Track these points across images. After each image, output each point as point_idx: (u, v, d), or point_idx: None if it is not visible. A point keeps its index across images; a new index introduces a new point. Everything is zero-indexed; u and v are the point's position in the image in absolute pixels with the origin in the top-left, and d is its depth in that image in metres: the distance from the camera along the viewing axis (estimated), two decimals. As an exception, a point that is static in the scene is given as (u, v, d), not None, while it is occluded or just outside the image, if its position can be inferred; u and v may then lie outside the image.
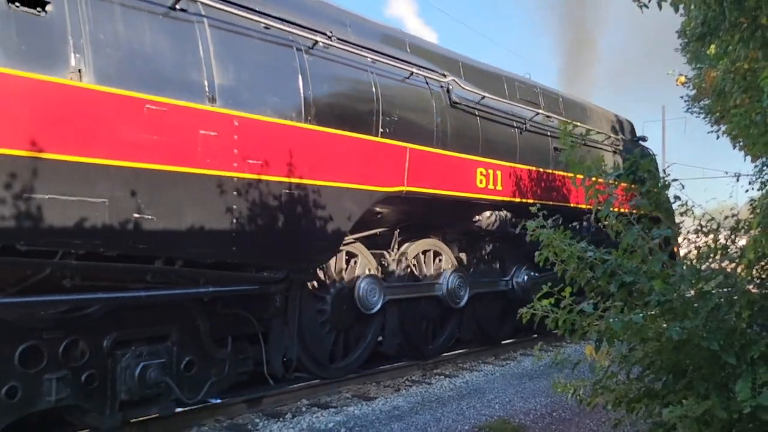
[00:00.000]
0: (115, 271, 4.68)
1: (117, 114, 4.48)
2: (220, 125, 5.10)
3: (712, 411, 2.68)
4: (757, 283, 3.21)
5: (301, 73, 5.90)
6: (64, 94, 4.27)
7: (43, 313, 4.46)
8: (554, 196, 9.42)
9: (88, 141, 4.33)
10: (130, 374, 4.89)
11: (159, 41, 4.90)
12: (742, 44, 4.45)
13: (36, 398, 4.45)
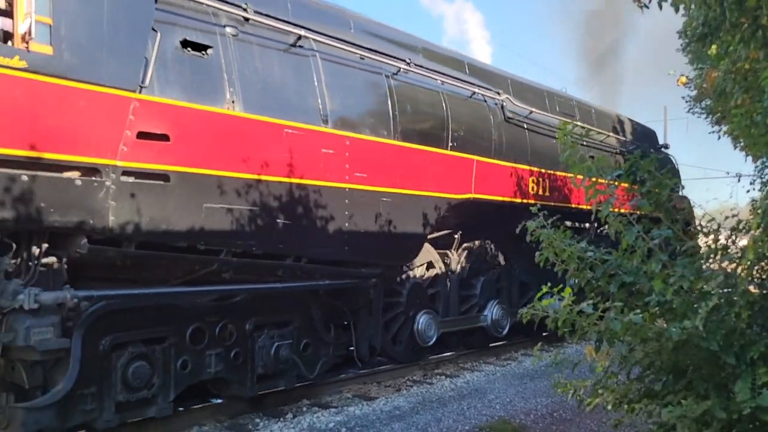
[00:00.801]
0: (259, 267, 5.70)
1: (265, 138, 5.53)
2: (335, 144, 6.14)
3: (712, 411, 2.68)
4: (757, 284, 3.21)
5: (389, 96, 6.94)
6: (227, 122, 5.28)
7: (202, 301, 5.47)
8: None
9: (246, 160, 5.35)
10: (266, 352, 5.96)
11: (286, 74, 5.95)
12: (742, 45, 4.45)
13: (200, 370, 5.48)
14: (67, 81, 4.33)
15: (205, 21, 5.33)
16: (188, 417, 5.83)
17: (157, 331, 5.21)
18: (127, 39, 4.69)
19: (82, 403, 4.70)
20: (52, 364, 4.53)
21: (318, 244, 6.00)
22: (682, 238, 3.39)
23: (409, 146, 6.99)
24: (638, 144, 12.08)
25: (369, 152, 6.47)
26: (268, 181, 5.50)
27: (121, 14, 4.66)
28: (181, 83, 5.00)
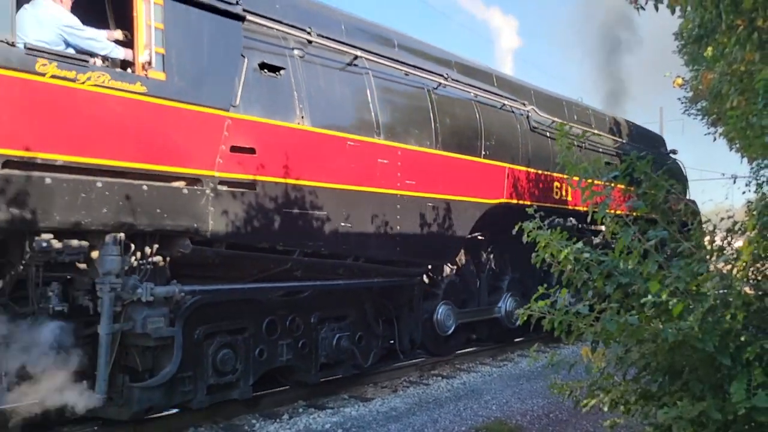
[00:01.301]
0: (324, 266, 6.30)
1: (331, 150, 6.11)
2: (389, 154, 6.75)
3: (707, 412, 2.69)
4: (752, 285, 3.22)
5: (431, 108, 7.48)
6: (299, 136, 5.84)
7: (273, 296, 6.17)
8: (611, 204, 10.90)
9: (316, 170, 5.95)
10: (328, 343, 6.64)
11: (344, 90, 6.51)
12: (738, 46, 4.46)
13: (274, 358, 6.13)
14: (176, 103, 4.96)
15: (278, 45, 5.93)
16: (185, 418, 5.82)
17: (238, 322, 5.86)
18: (222, 64, 5.34)
19: (181, 385, 5.39)
20: (160, 350, 5.17)
21: (374, 246, 6.62)
22: (678, 240, 3.40)
23: (450, 155, 7.59)
24: (648, 149, 12.54)
25: (417, 161, 7.12)
26: (334, 188, 6.14)
27: (218, 43, 5.30)
28: (260, 102, 5.60)
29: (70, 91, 4.40)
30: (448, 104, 7.77)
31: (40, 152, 4.27)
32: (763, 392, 2.55)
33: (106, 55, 4.91)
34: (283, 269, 5.97)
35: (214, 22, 5.27)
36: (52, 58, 4.32)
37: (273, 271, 5.95)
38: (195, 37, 5.15)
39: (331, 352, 6.66)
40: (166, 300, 5.00)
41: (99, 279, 4.70)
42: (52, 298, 4.60)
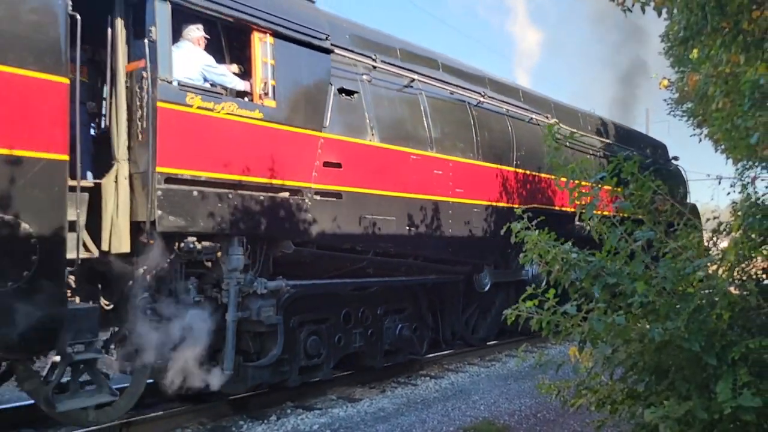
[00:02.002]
0: (390, 264, 7.21)
1: (398, 163, 7.10)
2: (442, 166, 7.68)
3: (693, 412, 2.70)
4: (737, 285, 3.24)
5: (472, 123, 8.39)
6: (372, 151, 6.80)
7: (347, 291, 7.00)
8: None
9: (386, 181, 6.90)
10: (392, 332, 7.56)
11: (404, 109, 7.43)
12: (723, 48, 4.50)
13: (349, 344, 7.02)
14: (284, 126, 5.89)
15: (351, 71, 6.82)
16: (171, 420, 5.78)
17: (322, 313, 6.75)
18: (316, 91, 6.25)
19: (281, 366, 6.23)
20: (266, 335, 6.01)
21: (430, 246, 7.47)
22: (665, 240, 3.42)
23: (490, 165, 8.53)
24: (652, 156, 13.82)
25: (464, 171, 8.05)
26: (400, 197, 7.09)
27: (312, 73, 6.23)
28: (342, 122, 6.49)
29: (209, 119, 5.30)
30: (486, 119, 8.68)
31: (190, 170, 5.16)
32: (749, 392, 2.57)
33: (231, 87, 5.79)
34: (358, 267, 6.85)
35: (310, 56, 6.22)
36: (197, 92, 5.27)
37: (349, 269, 6.82)
38: (296, 69, 6.09)
39: (394, 340, 7.56)
40: (272, 293, 5.84)
41: (226, 275, 5.54)
42: (191, 291, 5.42)
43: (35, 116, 4.28)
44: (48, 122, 4.33)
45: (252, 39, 5.78)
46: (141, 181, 5.04)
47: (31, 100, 4.25)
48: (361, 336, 7.16)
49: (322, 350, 6.62)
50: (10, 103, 4.15)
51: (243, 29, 5.79)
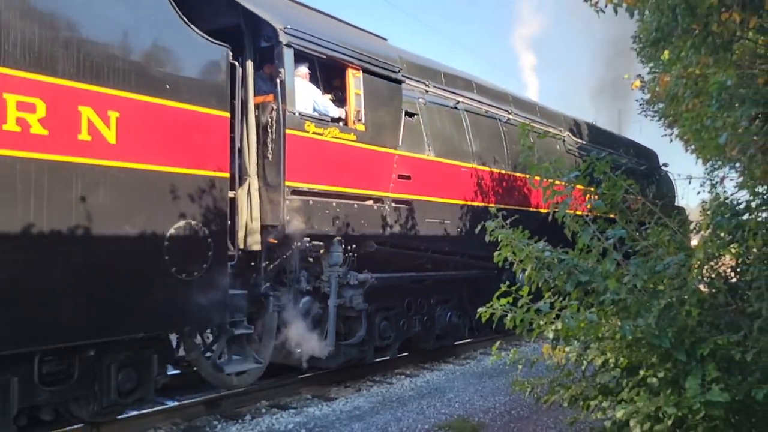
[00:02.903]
0: (444, 260, 8.34)
1: (450, 174, 8.30)
2: (484, 176, 8.91)
3: (664, 407, 2.74)
4: (706, 282, 3.30)
5: (503, 137, 9.59)
6: (431, 165, 8.03)
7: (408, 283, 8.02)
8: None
9: (442, 190, 8.13)
10: (443, 319, 8.63)
11: (451, 127, 8.58)
12: (693, 50, 4.57)
13: (410, 329, 8.04)
14: (370, 146, 7.05)
15: (412, 96, 7.98)
16: (143, 420, 5.69)
17: (391, 302, 7.76)
18: (392, 116, 7.45)
19: (361, 346, 7.26)
20: (352, 320, 7.11)
21: (473, 246, 7.99)
22: (636, 238, 3.46)
23: (519, 174, 9.46)
24: (644, 163, 14.93)
25: (499, 180, 9.19)
26: (452, 203, 8.24)
27: (391, 100, 7.48)
28: (408, 140, 7.65)
29: (319, 141, 6.42)
30: (513, 133, 9.54)
31: (307, 183, 6.30)
32: (717, 387, 2.62)
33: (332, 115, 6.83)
34: (418, 263, 7.91)
35: (388, 87, 7.44)
36: (312, 120, 6.40)
37: (411, 264, 7.87)
38: (378, 98, 7.27)
39: (444, 325, 8.63)
40: (361, 284, 6.89)
41: (327, 269, 6.68)
42: (303, 281, 6.51)
43: (210, 143, 5.36)
44: (217, 148, 5.42)
45: (347, 74, 6.96)
46: (271, 193, 6.15)
47: (207, 131, 5.33)
48: (419, 322, 8.20)
49: (390, 333, 7.72)
50: (194, 134, 5.21)
51: (339, 67, 6.97)
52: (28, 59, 4.21)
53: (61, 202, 4.38)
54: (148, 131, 4.87)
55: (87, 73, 4.50)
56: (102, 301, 4.64)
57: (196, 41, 5.28)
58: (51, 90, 4.32)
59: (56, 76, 4.34)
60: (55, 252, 4.38)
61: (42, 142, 4.26)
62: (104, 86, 4.60)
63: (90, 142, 4.51)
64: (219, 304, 5.39)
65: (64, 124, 4.38)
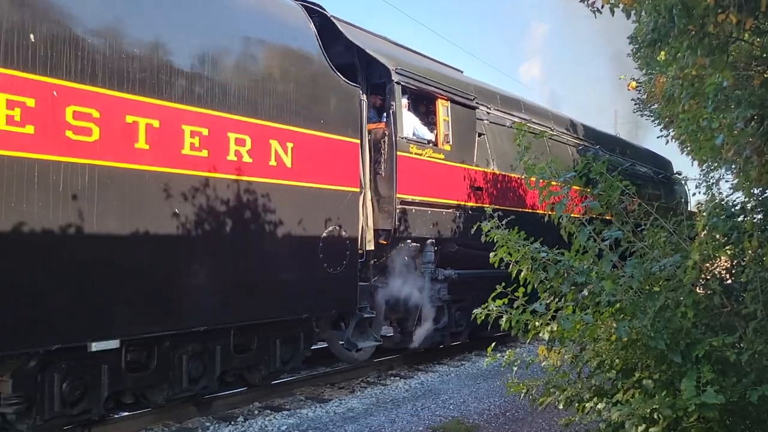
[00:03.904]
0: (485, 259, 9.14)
1: (509, 185, 9.52)
2: (507, 181, 9.74)
3: (659, 409, 2.73)
4: (702, 284, 3.29)
5: (548, 152, 10.15)
6: (498, 178, 9.33)
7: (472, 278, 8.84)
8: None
9: (503, 199, 9.29)
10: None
11: (507, 144, 9.48)
12: (690, 51, 4.55)
13: (454, 324, 8.83)
14: (454, 163, 8.42)
15: (480, 118, 9.20)
16: (135, 421, 5.65)
17: (463, 295, 8.66)
18: (469, 136, 8.84)
19: (442, 331, 8.46)
20: (438, 309, 8.26)
21: None
22: (632, 240, 3.45)
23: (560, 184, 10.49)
24: (661, 171, 16.11)
25: (520, 188, 9.85)
26: (510, 210, 8.44)
27: (468, 123, 8.83)
28: (479, 157, 8.92)
29: (419, 160, 7.81)
30: (555, 147, 10.71)
31: (411, 195, 7.62)
32: (712, 389, 2.60)
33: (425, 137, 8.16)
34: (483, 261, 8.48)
35: (466, 112, 8.82)
36: (414, 143, 7.76)
37: (476, 263, 8.24)
38: (460, 122, 8.63)
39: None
40: (446, 278, 8.13)
41: (421, 266, 8.02)
42: (403, 275, 7.73)
43: (347, 164, 6.77)
44: (351, 167, 6.83)
45: (437, 104, 8.36)
46: (383, 203, 7.47)
47: (346, 154, 6.76)
48: (461, 313, 8.93)
49: (463, 321, 8.81)
50: (337, 157, 6.64)
51: (431, 97, 8.37)
52: (242, 106, 5.67)
53: (261, 214, 5.85)
54: (310, 157, 6.32)
55: (275, 115, 5.99)
56: (282, 289, 6.12)
57: (340, 84, 6.78)
58: (255, 128, 5.78)
59: (258, 118, 5.83)
60: (261, 251, 5.94)
61: (249, 168, 5.71)
62: (285, 124, 6.08)
63: (276, 167, 5.98)
64: (353, 293, 6.89)
65: (262, 153, 5.84)
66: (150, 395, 5.51)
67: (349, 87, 6.85)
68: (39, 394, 4.66)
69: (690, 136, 7.27)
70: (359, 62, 7.62)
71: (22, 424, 4.67)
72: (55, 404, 4.70)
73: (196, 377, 5.65)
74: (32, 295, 4.32)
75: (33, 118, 4.28)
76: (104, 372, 4.97)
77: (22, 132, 4.21)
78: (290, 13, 6.57)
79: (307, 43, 6.51)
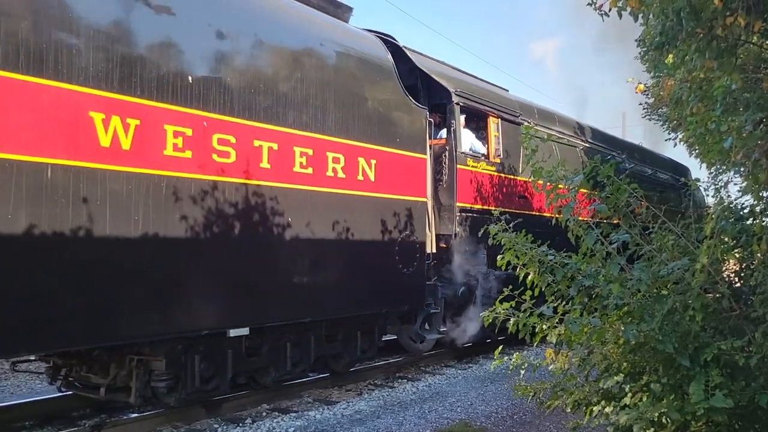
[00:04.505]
0: None
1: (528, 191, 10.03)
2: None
3: (667, 413, 2.72)
4: (710, 287, 3.28)
5: (581, 164, 10.93)
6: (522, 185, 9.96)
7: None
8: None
9: (542, 206, 9.67)
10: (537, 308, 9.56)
11: (546, 156, 10.08)
12: (698, 54, 4.55)
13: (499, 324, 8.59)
14: (504, 174, 9.33)
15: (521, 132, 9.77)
16: (144, 423, 5.68)
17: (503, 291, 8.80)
18: (515, 149, 9.62)
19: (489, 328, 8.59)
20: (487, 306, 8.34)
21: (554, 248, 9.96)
22: (640, 243, 3.44)
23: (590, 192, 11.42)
24: (678, 177, 16.55)
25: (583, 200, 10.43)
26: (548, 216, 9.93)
27: (514, 138, 9.49)
28: (523, 168, 9.58)
29: (474, 172, 8.72)
30: (586, 157, 11.21)
31: (467, 203, 8.57)
32: (721, 393, 2.60)
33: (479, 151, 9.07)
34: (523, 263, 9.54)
35: (513, 128, 9.62)
36: (471, 156, 8.67)
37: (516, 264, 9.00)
38: (508, 136, 9.49)
39: None
40: (496, 278, 8.67)
41: (475, 267, 8.65)
42: (459, 276, 8.49)
43: (417, 178, 7.77)
44: (420, 180, 7.82)
45: (489, 121, 9.28)
46: (443, 211, 8.43)
47: (416, 169, 7.75)
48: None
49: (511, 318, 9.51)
50: (409, 171, 7.63)
51: (484, 115, 9.27)
52: (336, 129, 6.63)
53: (353, 223, 6.75)
54: (388, 171, 7.29)
55: (363, 136, 6.96)
56: (367, 287, 7.10)
57: (411, 107, 7.72)
58: (347, 148, 6.75)
59: (350, 138, 6.79)
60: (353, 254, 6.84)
61: (342, 183, 6.70)
62: (369, 143, 7.03)
63: (362, 181, 6.94)
64: (422, 291, 7.75)
65: (352, 169, 6.80)
66: (259, 378, 6.44)
67: (418, 108, 7.78)
68: (183, 372, 5.57)
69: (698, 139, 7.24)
70: (421, 84, 8.62)
71: (169, 398, 5.58)
72: (196, 381, 5.63)
73: (295, 362, 6.59)
74: (190, 289, 5.33)
75: (191, 145, 5.25)
76: (229, 356, 5.90)
77: (183, 156, 5.19)
78: (374, 47, 7.67)
79: (387, 74, 7.59)
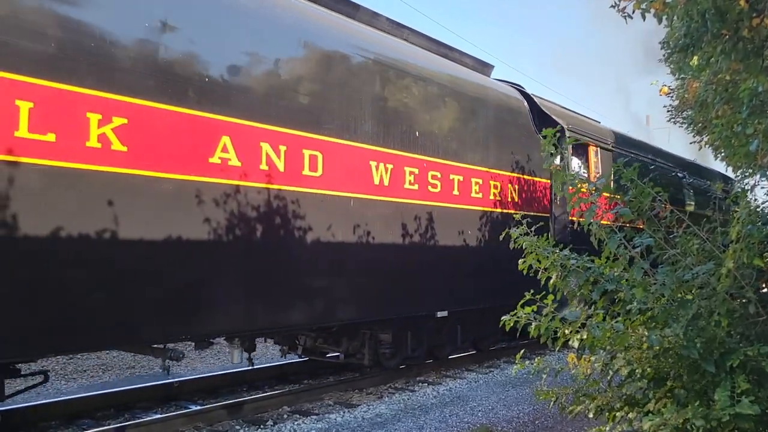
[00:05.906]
0: None
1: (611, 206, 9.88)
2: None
3: (692, 419, 2.68)
4: (736, 293, 3.22)
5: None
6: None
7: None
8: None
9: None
10: None
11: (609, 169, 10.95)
12: (723, 56, 4.49)
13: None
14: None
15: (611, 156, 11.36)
16: (166, 424, 5.75)
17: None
18: (607, 169, 10.81)
19: None
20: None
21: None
22: (664, 247, 3.40)
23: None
24: (728, 190, 17.66)
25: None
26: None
27: (608, 163, 11.09)
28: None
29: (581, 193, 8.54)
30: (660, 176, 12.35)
31: (575, 218, 9.34)
32: (747, 399, 2.56)
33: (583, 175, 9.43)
34: None
35: (607, 154, 11.16)
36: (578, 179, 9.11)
37: None
38: (604, 162, 10.89)
39: None
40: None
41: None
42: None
43: (544, 198, 9.69)
44: (546, 200, 9.71)
45: (589, 150, 10.71)
46: (557, 223, 9.99)
47: (543, 191, 9.60)
48: None
49: None
50: (539, 193, 9.58)
51: (586, 145, 10.65)
52: (495, 163, 8.71)
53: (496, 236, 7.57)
54: (526, 193, 9.18)
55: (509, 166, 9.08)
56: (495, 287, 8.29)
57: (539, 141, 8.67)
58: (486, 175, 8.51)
59: (502, 170, 8.98)
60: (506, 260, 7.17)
61: (498, 204, 8.65)
62: (511, 172, 9.03)
63: (510, 201, 8.95)
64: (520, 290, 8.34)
65: (504, 194, 8.79)
66: (438, 353, 8.62)
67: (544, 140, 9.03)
68: (402, 343, 7.67)
69: (724, 141, 7.16)
70: (539, 119, 10.05)
71: (391, 362, 7.75)
72: (408, 350, 7.80)
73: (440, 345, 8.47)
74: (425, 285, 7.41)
75: (417, 180, 7.24)
76: (424, 332, 7.96)
77: (412, 189, 7.12)
78: (515, 97, 9.71)
79: (525, 118, 9.58)
